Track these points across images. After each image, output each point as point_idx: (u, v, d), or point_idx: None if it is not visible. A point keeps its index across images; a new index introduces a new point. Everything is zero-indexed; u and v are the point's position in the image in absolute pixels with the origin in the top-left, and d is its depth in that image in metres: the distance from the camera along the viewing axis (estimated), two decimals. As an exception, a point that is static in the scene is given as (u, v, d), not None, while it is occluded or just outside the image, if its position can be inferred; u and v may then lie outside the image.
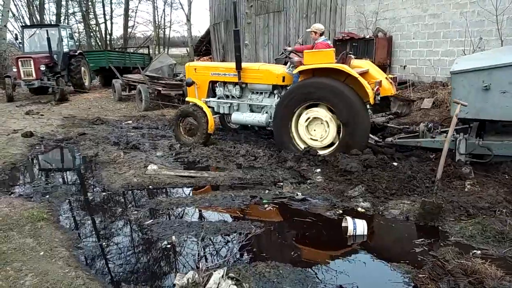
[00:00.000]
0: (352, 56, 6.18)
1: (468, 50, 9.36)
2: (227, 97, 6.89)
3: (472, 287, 2.54)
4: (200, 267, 2.74)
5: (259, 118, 6.44)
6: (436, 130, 5.51)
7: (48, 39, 13.89)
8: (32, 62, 13.35)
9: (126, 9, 32.69)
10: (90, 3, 31.95)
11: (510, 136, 4.80)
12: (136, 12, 43.54)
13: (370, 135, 5.81)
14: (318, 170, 5.20)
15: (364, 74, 5.90)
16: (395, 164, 5.01)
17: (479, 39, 9.30)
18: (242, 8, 18.22)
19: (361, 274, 2.91)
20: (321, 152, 5.67)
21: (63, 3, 30.67)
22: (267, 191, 4.56)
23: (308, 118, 5.74)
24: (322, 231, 3.64)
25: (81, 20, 32.08)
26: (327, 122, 5.61)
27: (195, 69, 7.16)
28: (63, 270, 2.89)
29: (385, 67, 11.42)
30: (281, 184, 4.81)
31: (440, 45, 10.34)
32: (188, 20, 29.03)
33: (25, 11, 28.18)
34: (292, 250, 3.25)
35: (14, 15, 26.22)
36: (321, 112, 5.66)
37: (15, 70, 13.76)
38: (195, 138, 6.59)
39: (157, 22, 34.13)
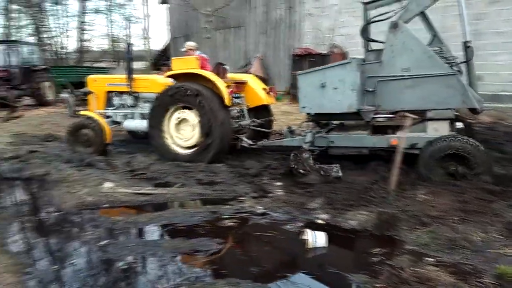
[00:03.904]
0: (227, 68, 6.78)
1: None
2: (123, 106, 7.19)
3: (427, 294, 2.62)
4: (159, 287, 2.65)
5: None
6: (297, 132, 6.18)
7: (7, 54, 14.67)
8: None
9: (81, 22, 31.87)
10: (43, 16, 30.71)
11: (347, 131, 5.69)
12: (91, 26, 42.47)
13: (244, 138, 6.37)
14: (279, 183, 5.23)
15: (243, 84, 6.70)
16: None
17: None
18: (197, 24, 18.23)
19: (321, 286, 2.92)
20: (185, 152, 6.08)
21: (13, 15, 29.37)
22: (227, 206, 4.51)
23: (178, 119, 6.14)
24: (283, 245, 3.65)
25: (35, 32, 30.68)
26: (194, 124, 5.97)
27: (95, 80, 7.50)
28: (7, 298, 2.69)
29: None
30: (242, 198, 4.78)
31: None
32: (146, 34, 28.60)
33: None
34: (253, 266, 3.22)
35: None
36: (189, 114, 6.02)
37: None
38: (93, 148, 6.76)
39: (111, 36, 33.34)
